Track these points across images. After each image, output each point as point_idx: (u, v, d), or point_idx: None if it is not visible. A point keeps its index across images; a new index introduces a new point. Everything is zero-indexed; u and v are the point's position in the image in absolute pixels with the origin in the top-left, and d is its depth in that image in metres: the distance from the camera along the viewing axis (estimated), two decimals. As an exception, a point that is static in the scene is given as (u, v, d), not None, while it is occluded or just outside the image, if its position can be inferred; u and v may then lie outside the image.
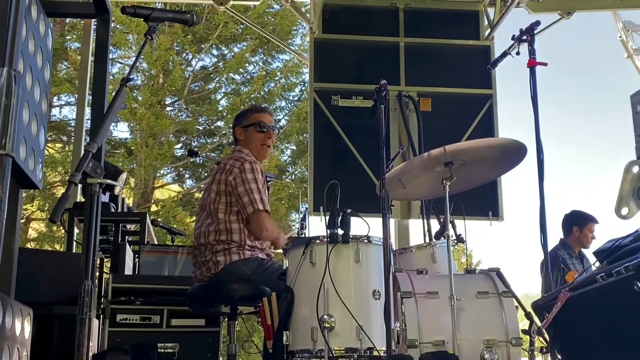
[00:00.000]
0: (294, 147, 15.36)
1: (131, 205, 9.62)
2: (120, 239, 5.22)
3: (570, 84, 40.38)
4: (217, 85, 15.82)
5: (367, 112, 6.19)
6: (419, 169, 3.43)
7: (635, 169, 1.22)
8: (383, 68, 6.48)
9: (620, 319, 1.85)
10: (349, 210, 3.18)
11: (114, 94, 2.43)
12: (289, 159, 15.45)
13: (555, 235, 6.24)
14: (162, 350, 3.99)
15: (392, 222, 4.23)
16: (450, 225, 3.39)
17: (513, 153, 3.35)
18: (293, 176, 15.14)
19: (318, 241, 3.19)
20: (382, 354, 2.97)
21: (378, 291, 3.11)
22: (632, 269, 1.75)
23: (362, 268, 3.17)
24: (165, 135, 14.47)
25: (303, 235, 4.21)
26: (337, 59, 6.63)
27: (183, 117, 15.48)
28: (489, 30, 6.87)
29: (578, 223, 6.20)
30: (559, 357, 2.61)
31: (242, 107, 13.89)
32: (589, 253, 6.20)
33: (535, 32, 3.72)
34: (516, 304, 3.12)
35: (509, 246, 32.94)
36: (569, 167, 39.59)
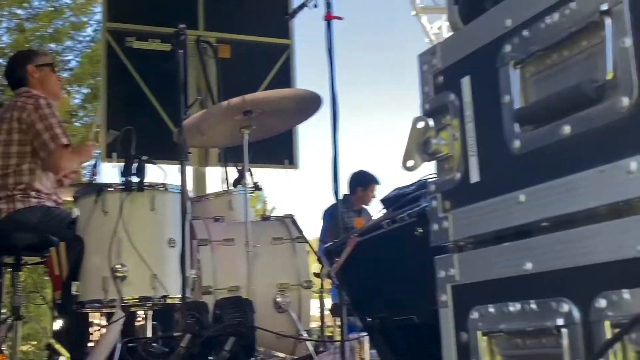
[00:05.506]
0: (87, 91, 14.60)
1: None
2: None
3: (365, 37, 42.02)
4: (-1, 19, 14.50)
5: (164, 56, 5.99)
6: (218, 116, 3.42)
7: (420, 124, 1.29)
8: (181, 10, 6.25)
9: (403, 262, 1.99)
10: (144, 157, 3.10)
11: None
12: (81, 102, 14.67)
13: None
14: None
15: (189, 169, 4.20)
16: (247, 173, 3.43)
17: (309, 103, 3.44)
18: (83, 121, 14.41)
19: (111, 189, 3.08)
20: (176, 302, 2.97)
21: (174, 239, 3.08)
22: (414, 216, 1.89)
23: (157, 216, 3.11)
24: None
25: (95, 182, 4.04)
26: (132, -2, 6.31)
27: (-42, 52, 14.04)
28: (289, -22, 6.89)
29: (362, 184, 6.56)
30: (347, 298, 2.76)
31: (26, 45, 12.91)
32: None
33: (332, -15, 3.78)
34: (308, 248, 3.26)
35: (302, 194, 34.01)
36: (367, 117, 41.52)
